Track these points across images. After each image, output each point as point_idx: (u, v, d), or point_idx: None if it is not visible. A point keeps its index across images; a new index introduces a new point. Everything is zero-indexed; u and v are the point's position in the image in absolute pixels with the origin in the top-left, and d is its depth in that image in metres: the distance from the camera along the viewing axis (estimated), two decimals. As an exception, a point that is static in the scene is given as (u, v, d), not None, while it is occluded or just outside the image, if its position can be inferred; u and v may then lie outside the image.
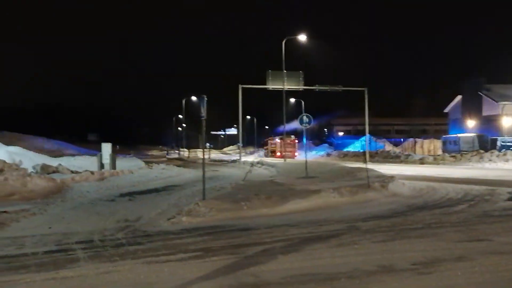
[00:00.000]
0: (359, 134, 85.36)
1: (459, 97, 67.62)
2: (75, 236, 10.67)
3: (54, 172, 27.75)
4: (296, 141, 69.31)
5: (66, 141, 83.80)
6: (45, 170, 27.92)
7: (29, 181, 19.69)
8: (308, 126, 25.93)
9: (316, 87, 51.40)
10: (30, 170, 26.77)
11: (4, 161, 24.58)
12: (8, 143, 36.76)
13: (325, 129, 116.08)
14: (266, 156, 70.42)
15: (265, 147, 79.13)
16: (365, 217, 12.26)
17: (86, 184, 22.51)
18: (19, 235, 10.84)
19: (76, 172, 27.63)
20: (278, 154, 66.61)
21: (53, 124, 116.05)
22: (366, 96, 51.28)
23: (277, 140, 70.76)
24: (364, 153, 53.68)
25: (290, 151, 64.00)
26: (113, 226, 11.96)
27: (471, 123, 63.52)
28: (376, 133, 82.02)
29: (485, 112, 61.85)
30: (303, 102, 75.49)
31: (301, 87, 51.03)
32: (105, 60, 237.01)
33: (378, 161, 47.72)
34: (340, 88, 51.59)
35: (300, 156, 61.94)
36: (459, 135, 57.65)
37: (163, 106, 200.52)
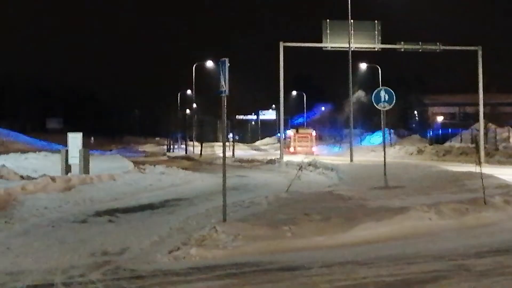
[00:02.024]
0: (468, 118, 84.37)
1: None
2: (27, 277, 10.71)
3: (-6, 177, 28.04)
4: (313, 133, 77.69)
5: (13, 129, 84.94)
6: (-20, 174, 28.22)
7: (-43, 192, 19.89)
8: (388, 107, 25.72)
9: (401, 46, 51.02)
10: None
11: None
12: None
13: (415, 112, 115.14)
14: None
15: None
16: (479, 251, 12.08)
17: (44, 197, 22.61)
18: None
19: (29, 178, 27.86)
20: (292, 149, 75.25)
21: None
22: (479, 60, 50.67)
23: (290, 132, 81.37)
24: (476, 149, 53.01)
25: (305, 146, 73.78)
26: (85, 262, 12.00)
27: None
28: (495, 117, 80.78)
29: None
30: (380, 70, 75.09)
31: (378, 45, 50.74)
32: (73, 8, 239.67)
33: (500, 162, 47.23)
34: (438, 47, 51.09)
35: (319, 152, 65.09)
36: None
37: (162, 77, 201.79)
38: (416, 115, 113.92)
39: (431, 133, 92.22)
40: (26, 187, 23.97)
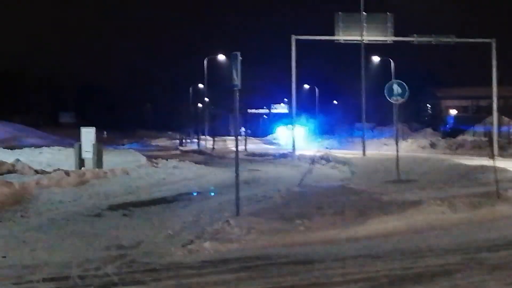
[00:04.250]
0: (481, 112, 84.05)
1: None
2: (42, 270, 10.79)
3: (9, 172, 28.16)
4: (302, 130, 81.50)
5: (27, 125, 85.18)
6: (-5, 169, 28.35)
7: (-28, 186, 19.96)
8: (401, 100, 25.70)
9: (413, 38, 50.89)
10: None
11: None
12: None
13: (428, 105, 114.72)
14: None
15: None
16: (492, 244, 12.09)
17: (58, 191, 22.71)
18: (-43, 268, 11.03)
19: (43, 172, 27.95)
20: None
21: (8, 99, 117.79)
22: (493, 52, 50.46)
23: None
24: (489, 142, 52.84)
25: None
26: (100, 255, 12.07)
27: None
28: (509, 111, 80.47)
29: None
30: (392, 63, 74.85)
31: (390, 37, 50.58)
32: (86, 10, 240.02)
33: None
34: (451, 39, 50.94)
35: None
36: None
37: (174, 71, 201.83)
38: (429, 108, 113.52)
39: (446, 126, 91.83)
40: (41, 182, 24.04)
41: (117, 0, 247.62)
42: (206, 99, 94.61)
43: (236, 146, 15.61)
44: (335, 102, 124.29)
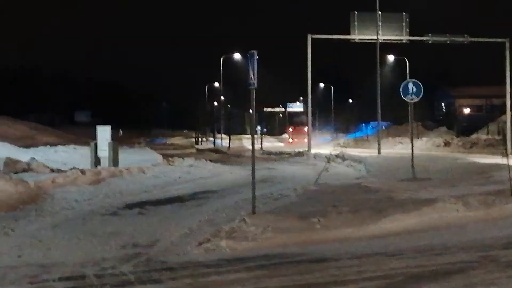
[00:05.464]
0: (495, 110, 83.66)
1: None
2: (58, 269, 10.84)
3: (24, 170, 28.25)
4: (305, 129, 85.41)
5: (42, 123, 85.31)
6: (10, 167, 28.42)
7: (-13, 185, 20.04)
8: (416, 99, 25.64)
9: (428, 38, 50.77)
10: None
11: None
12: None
13: (442, 104, 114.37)
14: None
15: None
16: (506, 242, 12.04)
17: (74, 190, 22.75)
18: (-26, 267, 11.08)
19: (59, 171, 28.03)
20: (290, 140, 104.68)
21: (23, 97, 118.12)
22: (507, 52, 50.32)
23: (289, 128, 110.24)
24: (503, 140, 52.68)
25: (300, 138, 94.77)
26: (116, 254, 12.12)
27: None
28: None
29: None
30: (407, 62, 74.73)
31: (406, 37, 50.47)
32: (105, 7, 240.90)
33: (528, 154, 46.84)
34: (465, 39, 50.80)
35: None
36: None
37: (190, 70, 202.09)
38: (443, 107, 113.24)
39: (462, 124, 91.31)
40: (56, 180, 24.12)
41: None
42: (222, 97, 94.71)
43: (253, 145, 15.63)
44: (350, 100, 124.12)
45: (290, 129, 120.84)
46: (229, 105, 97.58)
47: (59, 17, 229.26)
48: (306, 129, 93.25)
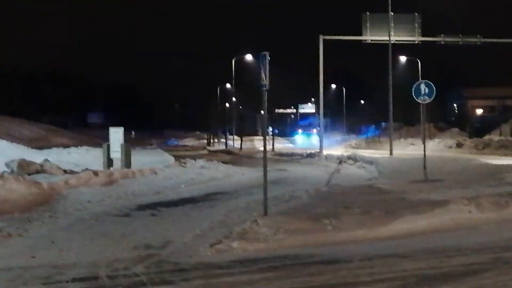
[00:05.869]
0: (508, 111, 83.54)
1: None
2: (71, 270, 10.87)
3: (38, 172, 28.34)
4: (314, 131, 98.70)
5: (55, 125, 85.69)
6: (24, 169, 28.49)
7: (1, 186, 20.09)
8: (429, 100, 25.58)
9: (441, 39, 50.69)
10: (1, 168, 27.37)
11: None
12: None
13: (454, 105, 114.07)
14: None
15: None
16: (519, 243, 12.01)
17: (87, 191, 22.84)
18: (-12, 268, 11.12)
19: (72, 172, 28.12)
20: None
21: (37, 99, 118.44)
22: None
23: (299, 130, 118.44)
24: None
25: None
26: (128, 255, 12.13)
27: None
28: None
29: None
30: (419, 63, 74.59)
31: (418, 38, 50.40)
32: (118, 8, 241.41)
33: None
34: (478, 39, 50.69)
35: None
36: None
37: (202, 71, 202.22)
38: (456, 108, 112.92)
39: (476, 125, 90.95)
40: (69, 182, 24.17)
41: (146, 2, 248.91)
42: (234, 99, 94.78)
43: (264, 146, 15.62)
44: (362, 101, 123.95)
45: (299, 131, 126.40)
46: (240, 107, 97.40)
47: (72, 19, 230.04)
48: (315, 130, 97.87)
